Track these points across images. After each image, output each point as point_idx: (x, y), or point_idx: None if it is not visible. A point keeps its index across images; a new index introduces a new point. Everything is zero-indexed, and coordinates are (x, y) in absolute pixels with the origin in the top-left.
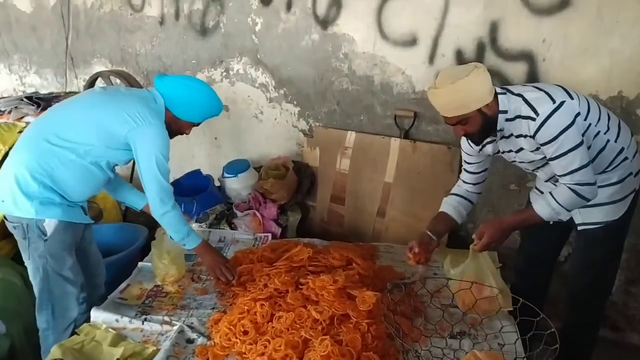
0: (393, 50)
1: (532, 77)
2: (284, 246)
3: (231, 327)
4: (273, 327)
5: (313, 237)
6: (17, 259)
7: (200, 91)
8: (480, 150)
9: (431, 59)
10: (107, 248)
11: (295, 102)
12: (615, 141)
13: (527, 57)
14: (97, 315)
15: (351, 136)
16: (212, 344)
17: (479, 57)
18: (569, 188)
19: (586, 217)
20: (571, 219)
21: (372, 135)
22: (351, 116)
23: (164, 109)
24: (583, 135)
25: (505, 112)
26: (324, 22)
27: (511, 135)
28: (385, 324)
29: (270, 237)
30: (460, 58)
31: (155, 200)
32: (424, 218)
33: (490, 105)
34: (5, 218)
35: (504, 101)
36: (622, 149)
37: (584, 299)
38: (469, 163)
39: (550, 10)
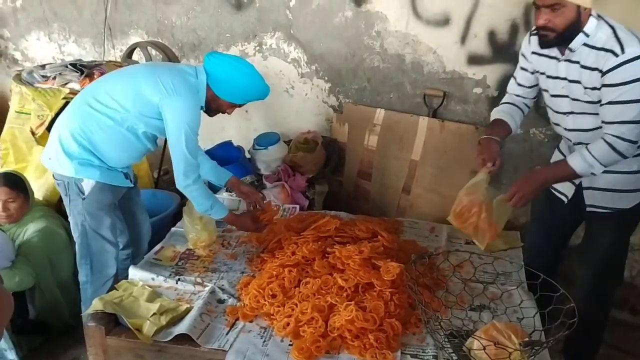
0: (425, 30)
1: None
2: (312, 217)
3: (260, 290)
4: (300, 292)
5: (339, 211)
6: (62, 214)
7: (244, 74)
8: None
9: (463, 39)
10: None
11: (326, 78)
12: None
13: None
14: (135, 273)
15: (380, 113)
16: (242, 305)
17: (512, 38)
18: (607, 141)
19: (597, 200)
20: (582, 200)
21: (401, 113)
22: (381, 94)
23: (204, 86)
24: None
25: (588, 35)
26: (358, 0)
27: (577, 62)
28: (408, 293)
29: (297, 209)
30: (492, 39)
31: (179, 172)
32: (449, 196)
33: (586, 12)
34: (54, 175)
35: (592, 25)
36: None
37: (592, 286)
38: (523, 69)
39: None
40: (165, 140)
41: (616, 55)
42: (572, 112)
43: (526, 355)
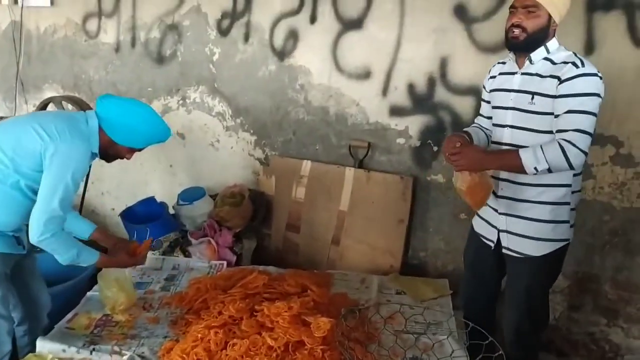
0: (348, 83)
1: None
2: (239, 274)
3: (184, 355)
4: (227, 355)
5: (268, 265)
6: None
7: (141, 117)
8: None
9: (384, 91)
10: (53, 278)
11: (251, 131)
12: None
13: (475, 91)
14: (43, 345)
15: (307, 165)
16: None
17: (430, 90)
18: (560, 145)
19: (512, 244)
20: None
21: (327, 165)
22: (307, 145)
23: (96, 131)
24: None
25: (549, 52)
26: (281, 54)
27: (533, 74)
28: (339, 349)
29: (225, 265)
30: (412, 91)
31: (39, 223)
32: (378, 246)
33: (553, 28)
34: None
35: (554, 45)
36: (573, 175)
37: (517, 330)
38: (483, 100)
39: (496, 49)
40: (84, 192)
41: (577, 67)
42: (512, 126)
43: None
